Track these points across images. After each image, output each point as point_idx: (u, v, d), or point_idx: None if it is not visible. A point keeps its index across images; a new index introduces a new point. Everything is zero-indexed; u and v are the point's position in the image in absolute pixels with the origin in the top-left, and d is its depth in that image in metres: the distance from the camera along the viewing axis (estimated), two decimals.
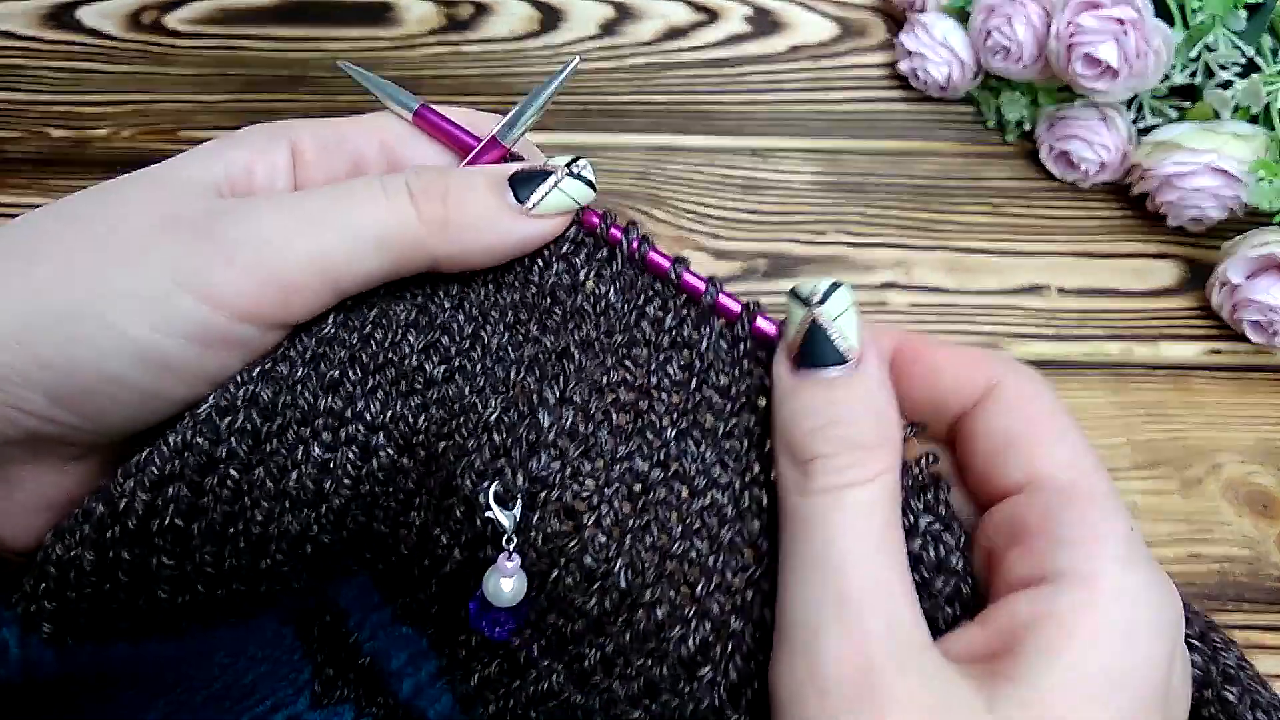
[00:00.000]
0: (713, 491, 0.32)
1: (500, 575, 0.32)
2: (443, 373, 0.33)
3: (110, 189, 0.33)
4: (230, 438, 0.32)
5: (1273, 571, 0.49)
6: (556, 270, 0.35)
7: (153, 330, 0.30)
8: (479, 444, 0.33)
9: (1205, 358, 0.55)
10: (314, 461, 0.32)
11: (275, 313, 0.32)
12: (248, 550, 0.33)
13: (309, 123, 0.36)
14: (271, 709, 0.36)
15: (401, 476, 0.33)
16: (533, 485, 0.32)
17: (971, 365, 0.32)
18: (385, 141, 0.36)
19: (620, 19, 0.65)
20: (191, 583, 0.33)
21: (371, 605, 0.37)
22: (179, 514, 0.32)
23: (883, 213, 0.59)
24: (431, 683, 0.36)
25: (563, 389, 0.33)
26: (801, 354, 0.30)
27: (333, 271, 0.32)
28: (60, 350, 0.30)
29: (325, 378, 0.33)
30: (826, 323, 0.30)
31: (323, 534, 0.33)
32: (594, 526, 0.32)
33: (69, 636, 0.33)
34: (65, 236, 0.32)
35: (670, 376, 0.33)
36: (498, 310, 0.35)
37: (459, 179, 0.33)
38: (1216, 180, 0.52)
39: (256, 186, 0.34)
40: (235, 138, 0.35)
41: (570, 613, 0.33)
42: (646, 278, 0.34)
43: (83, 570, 0.32)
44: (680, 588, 0.32)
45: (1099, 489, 0.29)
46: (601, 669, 0.33)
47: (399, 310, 0.34)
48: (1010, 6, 0.55)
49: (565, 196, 0.33)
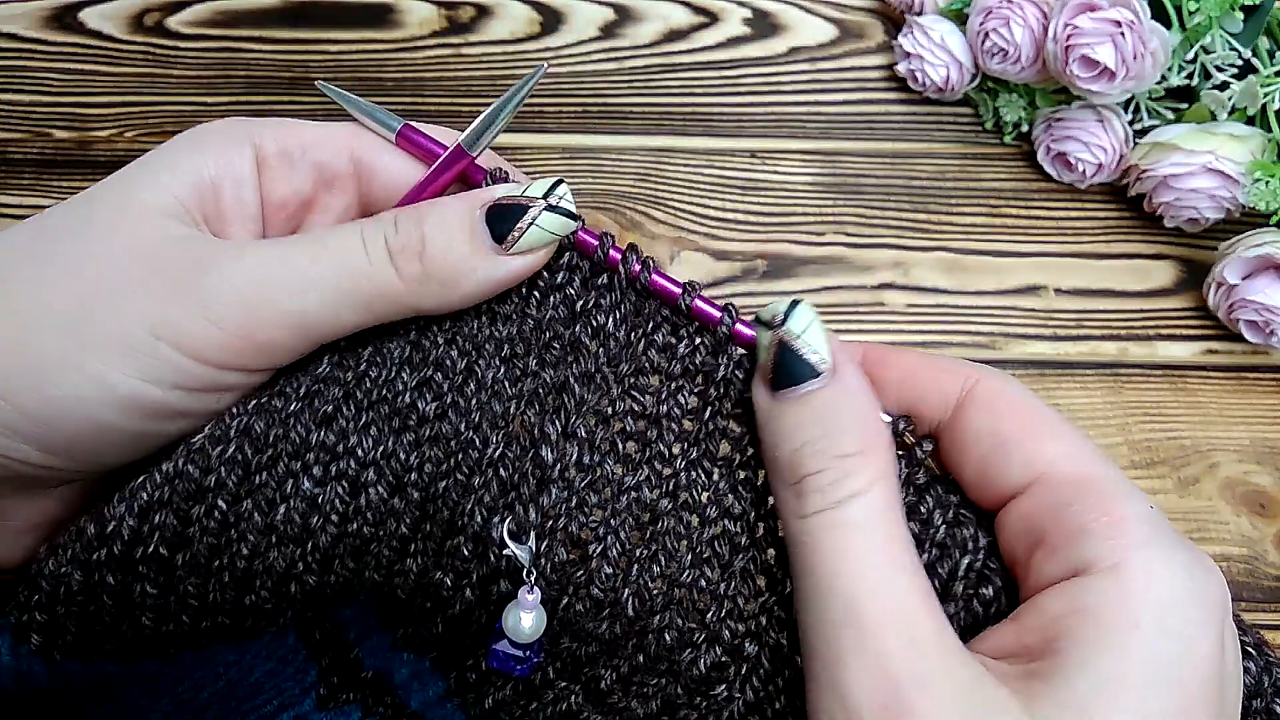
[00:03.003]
0: (725, 521, 0.32)
1: (521, 610, 0.31)
2: (435, 409, 0.33)
3: (76, 218, 0.32)
4: (220, 467, 0.31)
5: (1270, 570, 0.49)
6: (553, 303, 0.34)
7: (138, 379, 0.30)
8: (485, 481, 0.32)
9: (1202, 358, 0.55)
10: (303, 495, 0.32)
11: (258, 363, 0.32)
12: (232, 585, 0.32)
13: (270, 125, 0.35)
14: (278, 709, 0.36)
15: (393, 520, 0.33)
16: (544, 519, 0.32)
17: (943, 370, 0.32)
18: (354, 150, 0.35)
19: (620, 21, 0.65)
20: (175, 614, 0.33)
21: (370, 627, 0.37)
22: (163, 542, 0.32)
23: (881, 213, 0.59)
24: (441, 702, 0.36)
25: (564, 423, 0.33)
26: (775, 375, 0.30)
27: (315, 330, 0.32)
28: (46, 403, 0.29)
29: (319, 413, 0.32)
30: (792, 340, 0.30)
31: (308, 574, 0.33)
32: (600, 557, 0.32)
33: (56, 652, 0.33)
34: (35, 279, 0.30)
35: (682, 405, 0.33)
36: (492, 344, 0.34)
37: (434, 226, 0.32)
38: (1213, 181, 0.52)
39: (225, 206, 0.34)
40: (194, 142, 0.34)
41: (583, 636, 0.33)
42: (652, 303, 0.33)
43: (70, 589, 0.32)
44: (690, 614, 0.32)
45: (1107, 474, 0.28)
46: (619, 688, 0.33)
47: (392, 348, 0.34)
48: (1008, 8, 0.55)
49: (544, 232, 0.32)
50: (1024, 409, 0.30)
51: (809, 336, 0.30)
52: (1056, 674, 0.25)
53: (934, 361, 0.32)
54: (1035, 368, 0.54)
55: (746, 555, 0.32)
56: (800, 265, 0.57)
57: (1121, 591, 0.26)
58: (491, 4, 0.66)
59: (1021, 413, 0.30)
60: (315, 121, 0.36)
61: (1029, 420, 0.30)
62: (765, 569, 0.32)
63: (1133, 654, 0.25)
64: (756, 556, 0.32)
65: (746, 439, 0.32)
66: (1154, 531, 0.27)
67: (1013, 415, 0.30)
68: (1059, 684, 0.25)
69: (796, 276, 0.57)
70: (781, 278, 0.57)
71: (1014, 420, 0.30)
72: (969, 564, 0.30)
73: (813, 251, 0.58)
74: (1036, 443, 0.29)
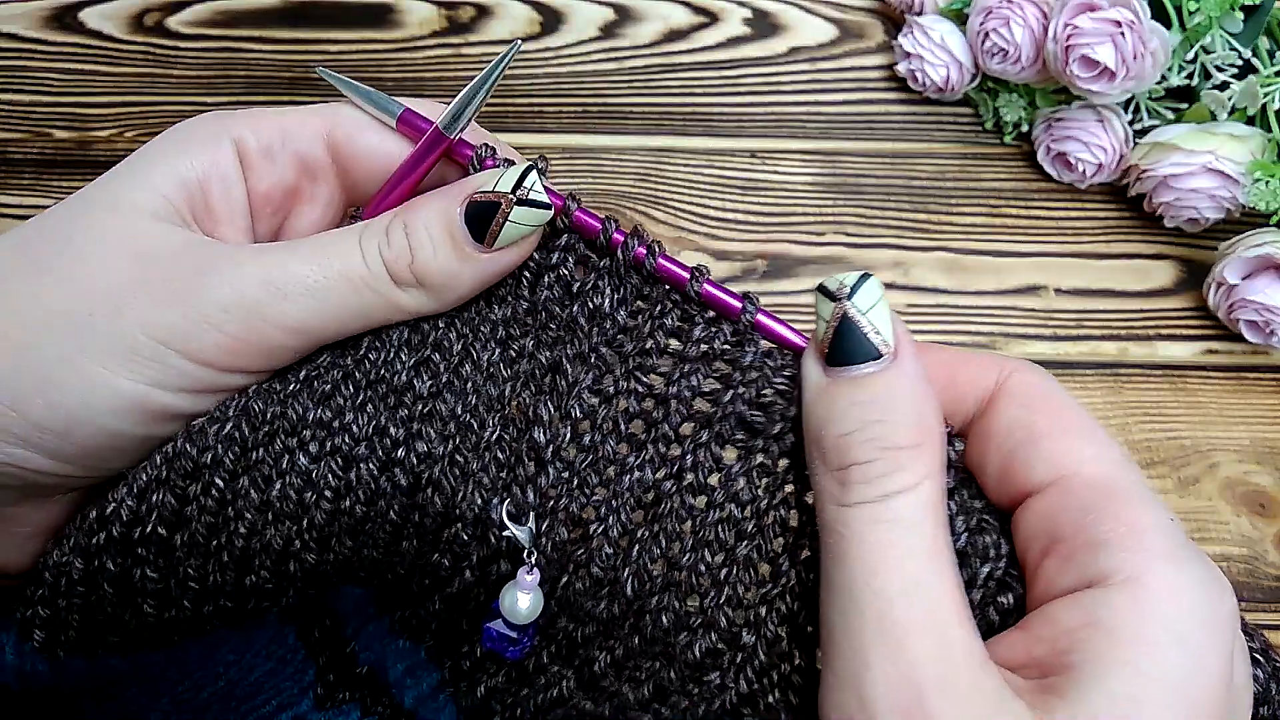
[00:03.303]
0: (731, 505, 0.32)
1: (518, 590, 0.31)
2: (430, 388, 0.33)
3: (70, 222, 0.32)
4: (217, 445, 0.32)
5: (1270, 570, 0.49)
6: (547, 283, 0.34)
7: (144, 383, 0.30)
8: (483, 464, 0.32)
9: (1202, 358, 0.55)
10: (299, 471, 0.32)
11: (260, 365, 0.32)
12: (232, 565, 0.32)
13: (248, 118, 0.35)
14: (277, 709, 0.36)
15: (383, 502, 0.33)
16: (543, 500, 0.32)
17: (980, 364, 0.31)
18: (333, 132, 0.35)
19: (620, 21, 0.65)
20: (177, 599, 0.33)
21: (368, 616, 0.37)
22: (162, 522, 0.32)
23: (881, 214, 0.59)
24: (434, 695, 0.36)
25: (560, 404, 0.33)
26: (832, 351, 0.28)
27: (316, 334, 0.32)
28: (52, 410, 0.29)
29: (318, 392, 0.33)
30: (857, 316, 0.28)
31: (307, 552, 0.33)
32: (601, 536, 0.32)
33: (60, 649, 0.33)
34: (34, 284, 0.30)
35: (695, 387, 0.32)
36: (488, 325, 0.34)
37: (418, 235, 0.32)
38: (1213, 181, 0.52)
39: (214, 204, 0.34)
40: (177, 143, 0.34)
41: (580, 616, 0.33)
42: (660, 287, 0.33)
43: (72, 579, 0.32)
44: (687, 597, 0.32)
45: (1131, 482, 0.28)
46: (612, 672, 0.32)
47: (392, 332, 0.34)
48: (1008, 8, 0.55)
49: (519, 226, 0.32)
50: (1059, 405, 0.30)
51: (875, 315, 0.28)
52: (1072, 690, 0.25)
53: (968, 356, 0.32)
54: None
55: (751, 542, 0.31)
56: (800, 265, 0.57)
57: (1138, 607, 0.25)
58: (491, 4, 0.66)
59: (1056, 408, 0.29)
60: (289, 107, 0.36)
61: (1063, 417, 0.29)
62: (770, 558, 0.31)
63: (1148, 671, 0.24)
64: (762, 545, 0.31)
65: (772, 428, 0.32)
66: (1171, 544, 0.26)
67: (1047, 410, 0.29)
68: (1074, 699, 0.25)
69: (796, 276, 0.57)
70: (781, 278, 0.57)
71: (1047, 415, 0.29)
72: (989, 572, 0.29)
73: (813, 251, 0.58)
74: (1066, 440, 0.29)
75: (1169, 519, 0.27)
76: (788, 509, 0.32)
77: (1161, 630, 0.25)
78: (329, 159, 0.36)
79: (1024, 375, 0.30)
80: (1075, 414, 0.29)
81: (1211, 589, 0.26)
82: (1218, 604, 0.26)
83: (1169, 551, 0.26)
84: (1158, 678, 0.24)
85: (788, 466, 0.32)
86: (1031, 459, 0.29)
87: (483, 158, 0.34)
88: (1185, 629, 0.25)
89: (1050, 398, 0.30)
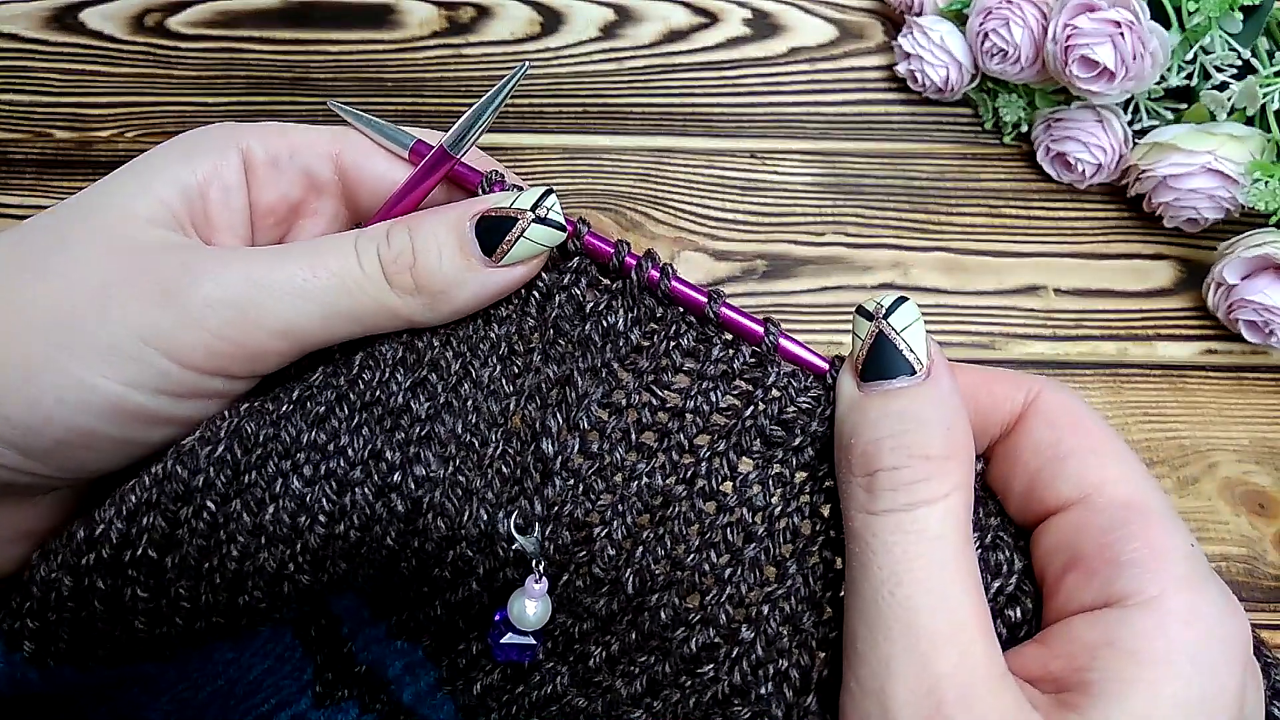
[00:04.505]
0: (743, 510, 0.32)
1: (526, 597, 0.31)
2: (428, 409, 0.33)
3: (63, 224, 0.32)
4: (209, 468, 0.31)
5: (1269, 570, 0.49)
6: (558, 302, 0.34)
7: (123, 385, 0.30)
8: (487, 480, 0.32)
9: (1201, 358, 0.55)
10: (292, 495, 0.32)
11: (244, 370, 0.32)
12: (224, 586, 0.32)
13: (258, 130, 0.35)
14: (276, 708, 0.36)
15: (379, 528, 0.32)
16: (548, 509, 0.32)
17: (1009, 382, 0.31)
18: (340, 153, 0.35)
19: (620, 22, 0.66)
20: (168, 617, 0.33)
21: (363, 620, 0.37)
22: (152, 545, 0.31)
23: (881, 214, 0.59)
24: (432, 693, 0.36)
25: (567, 415, 0.33)
26: (867, 366, 0.29)
27: (306, 339, 0.32)
28: (30, 409, 0.29)
29: (311, 414, 0.32)
30: (892, 334, 0.29)
31: (300, 574, 0.32)
32: (605, 539, 0.32)
33: (49, 659, 0.33)
34: (21, 283, 0.30)
35: (713, 403, 0.32)
36: (487, 343, 0.34)
37: (425, 239, 0.32)
38: (1212, 181, 0.52)
39: (213, 212, 0.34)
40: (182, 150, 0.34)
41: (579, 612, 0.33)
42: (674, 309, 0.33)
43: (61, 595, 0.32)
44: (689, 595, 0.32)
45: (1157, 504, 0.28)
46: (606, 668, 0.33)
47: (386, 351, 0.33)
48: (1008, 9, 0.55)
49: (533, 244, 0.32)
50: (1087, 424, 0.30)
51: (909, 334, 0.29)
52: (1089, 707, 0.25)
53: (994, 375, 0.32)
54: (1035, 368, 0.54)
55: (760, 545, 0.32)
56: (800, 265, 0.57)
57: (1158, 628, 0.25)
58: (491, 4, 0.66)
59: (1084, 428, 0.30)
60: (301, 125, 0.36)
61: (1090, 436, 0.30)
62: (777, 561, 0.32)
63: (1165, 693, 0.25)
64: (770, 549, 0.32)
65: (792, 441, 0.32)
66: (1192, 569, 0.26)
67: (1074, 429, 0.30)
68: (1092, 717, 0.25)
69: (796, 277, 0.57)
70: (781, 278, 0.57)
71: (1075, 434, 0.29)
72: (999, 587, 0.29)
73: (813, 251, 0.58)
74: (1092, 459, 0.29)
75: (1191, 543, 0.27)
76: (801, 517, 0.32)
77: (1180, 654, 0.25)
78: (336, 178, 0.36)
79: (1052, 395, 0.31)
80: (1103, 433, 0.30)
81: (1229, 615, 0.26)
82: (1235, 630, 0.26)
83: (1189, 576, 0.26)
84: (1175, 701, 0.25)
85: (805, 479, 0.32)
86: (1057, 476, 0.29)
87: (493, 181, 0.35)
88: (1204, 654, 0.25)
89: (1078, 417, 0.30)
